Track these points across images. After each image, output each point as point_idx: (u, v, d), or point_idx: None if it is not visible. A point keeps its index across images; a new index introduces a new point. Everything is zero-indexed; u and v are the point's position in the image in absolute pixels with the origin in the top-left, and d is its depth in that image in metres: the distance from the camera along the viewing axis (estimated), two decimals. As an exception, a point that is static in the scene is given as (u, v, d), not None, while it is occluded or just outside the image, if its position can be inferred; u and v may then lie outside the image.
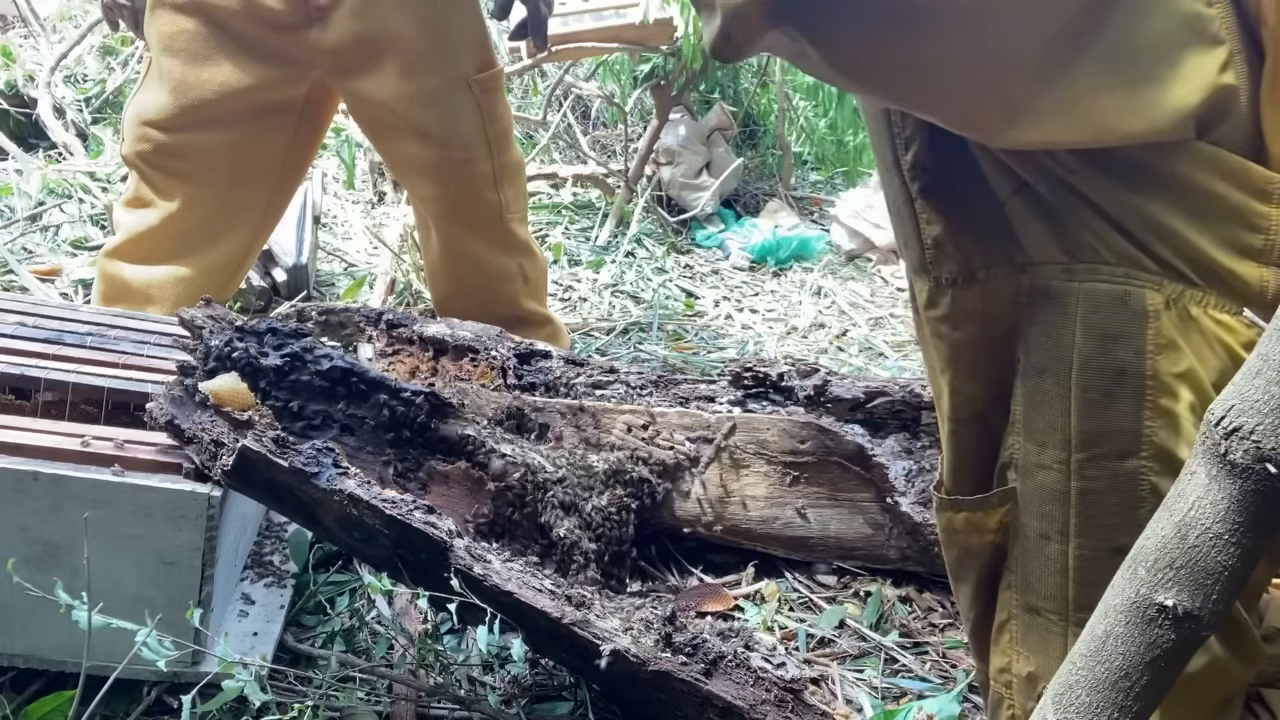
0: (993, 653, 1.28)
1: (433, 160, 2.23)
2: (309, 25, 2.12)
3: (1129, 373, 1.07)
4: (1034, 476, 1.16)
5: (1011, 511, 1.20)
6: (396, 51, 2.15)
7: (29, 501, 1.43)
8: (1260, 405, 0.73)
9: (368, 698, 1.59)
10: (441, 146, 2.21)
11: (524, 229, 2.45)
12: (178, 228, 2.18)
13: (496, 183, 2.31)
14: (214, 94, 2.11)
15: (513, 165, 2.35)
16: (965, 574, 1.29)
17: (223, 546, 1.54)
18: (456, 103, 2.21)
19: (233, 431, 1.49)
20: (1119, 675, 0.81)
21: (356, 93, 2.23)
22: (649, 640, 1.45)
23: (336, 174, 3.82)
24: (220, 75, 2.11)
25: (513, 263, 2.39)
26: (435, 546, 1.44)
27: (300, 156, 2.35)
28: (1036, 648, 1.21)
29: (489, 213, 2.32)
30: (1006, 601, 1.24)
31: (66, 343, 1.78)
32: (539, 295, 2.51)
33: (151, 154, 2.15)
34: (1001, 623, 1.25)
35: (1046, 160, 1.08)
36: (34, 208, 3.20)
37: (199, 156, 2.16)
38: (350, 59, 2.17)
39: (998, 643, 1.27)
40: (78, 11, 4.62)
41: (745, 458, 1.96)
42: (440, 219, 2.34)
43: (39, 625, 1.45)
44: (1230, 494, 0.75)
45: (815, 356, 2.89)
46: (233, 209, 2.23)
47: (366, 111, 2.28)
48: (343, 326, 2.16)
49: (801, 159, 4.35)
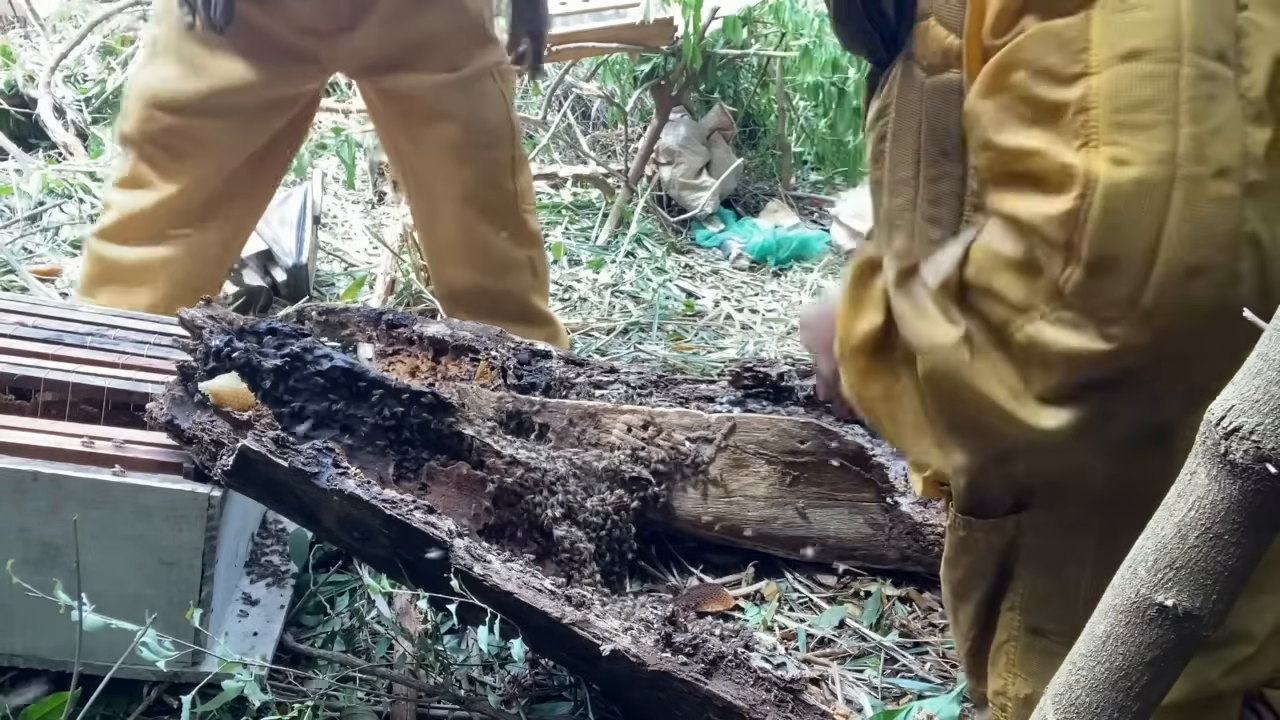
0: (991, 673, 1.27)
1: (459, 141, 2.28)
2: (339, 32, 2.16)
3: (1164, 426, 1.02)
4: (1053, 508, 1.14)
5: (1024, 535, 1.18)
6: (430, 48, 2.21)
7: (29, 502, 1.43)
8: (1260, 405, 0.73)
9: (368, 698, 1.59)
10: (468, 129, 2.28)
11: (535, 221, 2.49)
12: (172, 209, 2.18)
13: (514, 171, 2.37)
14: (233, 84, 2.13)
15: (524, 158, 2.42)
16: (969, 593, 1.27)
17: (223, 546, 1.54)
18: (484, 89, 2.28)
19: (233, 431, 1.49)
20: (1119, 675, 0.81)
21: (386, 89, 2.28)
22: (649, 640, 1.45)
23: (337, 174, 3.82)
24: (242, 67, 2.12)
25: (524, 254, 2.43)
26: (435, 546, 1.44)
27: (292, 146, 2.41)
28: (1036, 670, 1.19)
29: (506, 200, 2.37)
30: (1008, 622, 1.22)
31: (66, 343, 1.78)
32: (543, 293, 2.54)
33: (159, 134, 2.16)
34: (1000, 643, 1.24)
35: None
36: (34, 208, 3.20)
37: (206, 142, 2.17)
38: (381, 60, 2.22)
39: (995, 664, 1.25)
40: (78, 11, 4.62)
41: (745, 458, 1.96)
42: (459, 201, 2.36)
43: (39, 625, 1.44)
44: (1230, 494, 0.75)
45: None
46: (225, 194, 2.24)
47: (395, 105, 2.32)
48: (343, 326, 2.16)
49: (801, 159, 4.35)
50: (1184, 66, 0.90)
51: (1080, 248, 0.90)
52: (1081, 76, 0.91)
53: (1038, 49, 0.93)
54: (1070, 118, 0.91)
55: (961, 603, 1.29)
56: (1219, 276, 0.89)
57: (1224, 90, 0.91)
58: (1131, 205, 0.89)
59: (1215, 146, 0.89)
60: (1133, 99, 0.90)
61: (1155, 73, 0.90)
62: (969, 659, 1.32)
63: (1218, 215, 0.88)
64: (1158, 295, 0.89)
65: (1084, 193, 0.89)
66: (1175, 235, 0.88)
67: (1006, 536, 1.19)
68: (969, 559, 1.24)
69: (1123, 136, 0.90)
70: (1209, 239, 0.88)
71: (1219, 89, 0.91)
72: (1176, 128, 0.89)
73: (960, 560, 1.26)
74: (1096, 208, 0.89)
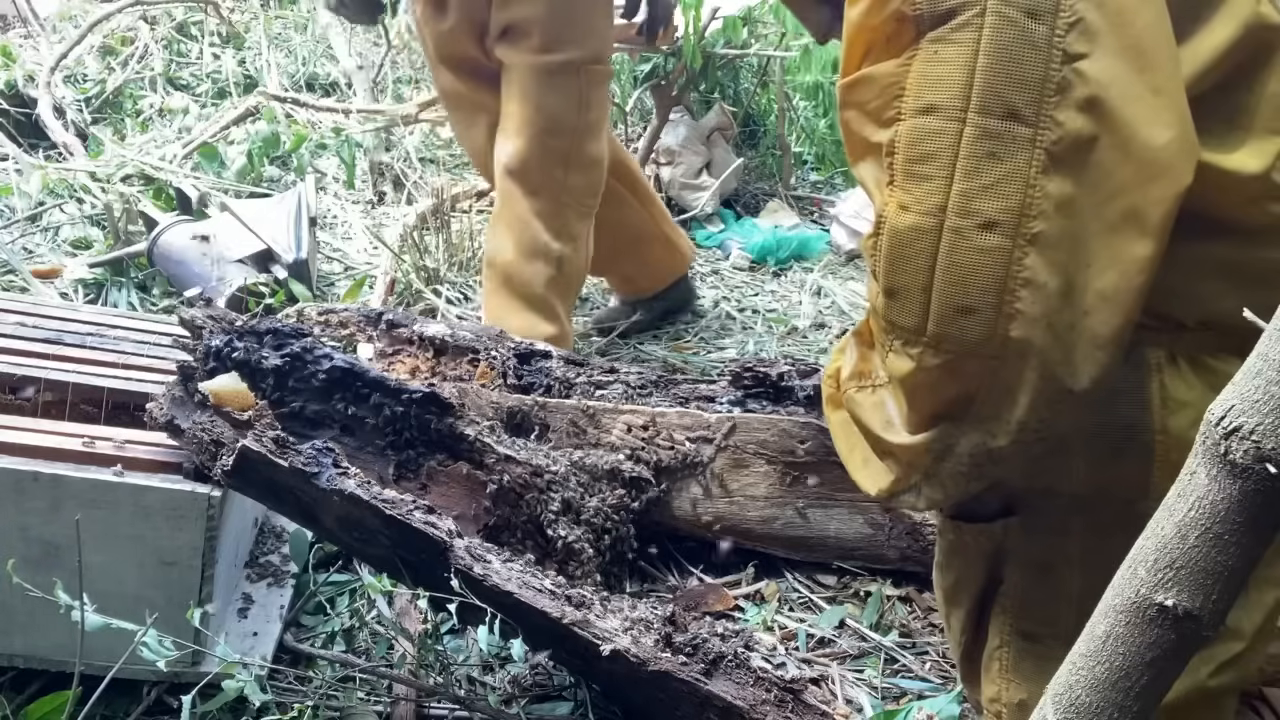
0: (984, 680, 1.27)
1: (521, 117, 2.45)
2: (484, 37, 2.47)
3: (1137, 427, 1.07)
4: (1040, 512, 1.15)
5: (1012, 538, 1.19)
6: (529, 33, 2.40)
7: (29, 501, 1.43)
8: (1260, 405, 0.73)
9: (368, 698, 1.59)
10: (534, 109, 2.43)
11: (580, 224, 2.54)
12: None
13: (566, 163, 2.46)
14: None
15: (589, 158, 2.50)
16: (960, 597, 1.28)
17: (223, 546, 1.54)
18: (560, 80, 2.43)
19: (233, 431, 1.49)
20: (1119, 675, 0.81)
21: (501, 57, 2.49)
22: (649, 640, 1.45)
23: (337, 174, 3.82)
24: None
25: (554, 245, 2.48)
26: (435, 546, 1.44)
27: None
28: (1029, 674, 1.19)
29: (550, 187, 2.46)
30: (999, 626, 1.23)
31: (66, 343, 1.78)
32: (564, 296, 2.56)
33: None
34: (993, 649, 1.24)
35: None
36: (34, 208, 3.20)
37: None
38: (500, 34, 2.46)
39: (988, 670, 1.25)
40: (78, 11, 4.62)
41: (745, 458, 1.96)
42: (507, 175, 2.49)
43: (39, 625, 1.44)
44: (1230, 494, 0.75)
45: (815, 356, 2.89)
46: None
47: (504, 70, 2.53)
48: (343, 326, 2.16)
49: (801, 159, 4.34)
50: (966, 126, 0.96)
51: (879, 275, 1.02)
52: (895, 121, 1.00)
53: (863, 92, 1.02)
54: (883, 157, 1.01)
55: (953, 608, 1.29)
56: (987, 315, 0.97)
57: (1008, 148, 0.96)
58: (908, 247, 0.99)
59: (983, 201, 0.96)
60: (921, 151, 0.98)
61: (940, 129, 0.97)
62: (963, 664, 1.32)
63: (981, 264, 0.96)
64: (936, 326, 0.99)
65: (878, 230, 1.01)
66: (943, 278, 0.98)
67: (995, 540, 1.20)
68: (959, 562, 1.25)
69: (910, 185, 0.99)
70: (975, 283, 0.97)
71: (1001, 147, 0.96)
72: (950, 183, 0.97)
73: (951, 564, 1.26)
74: (885, 244, 1.00)
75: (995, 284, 0.96)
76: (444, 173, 3.88)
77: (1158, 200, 0.95)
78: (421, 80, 4.52)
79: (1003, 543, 1.19)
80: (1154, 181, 0.95)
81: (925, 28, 0.98)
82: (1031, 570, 1.17)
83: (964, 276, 0.97)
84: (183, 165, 3.57)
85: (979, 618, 1.26)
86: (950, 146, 0.97)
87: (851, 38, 1.03)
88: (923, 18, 0.97)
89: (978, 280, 0.96)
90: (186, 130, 3.95)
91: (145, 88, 4.26)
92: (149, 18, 4.60)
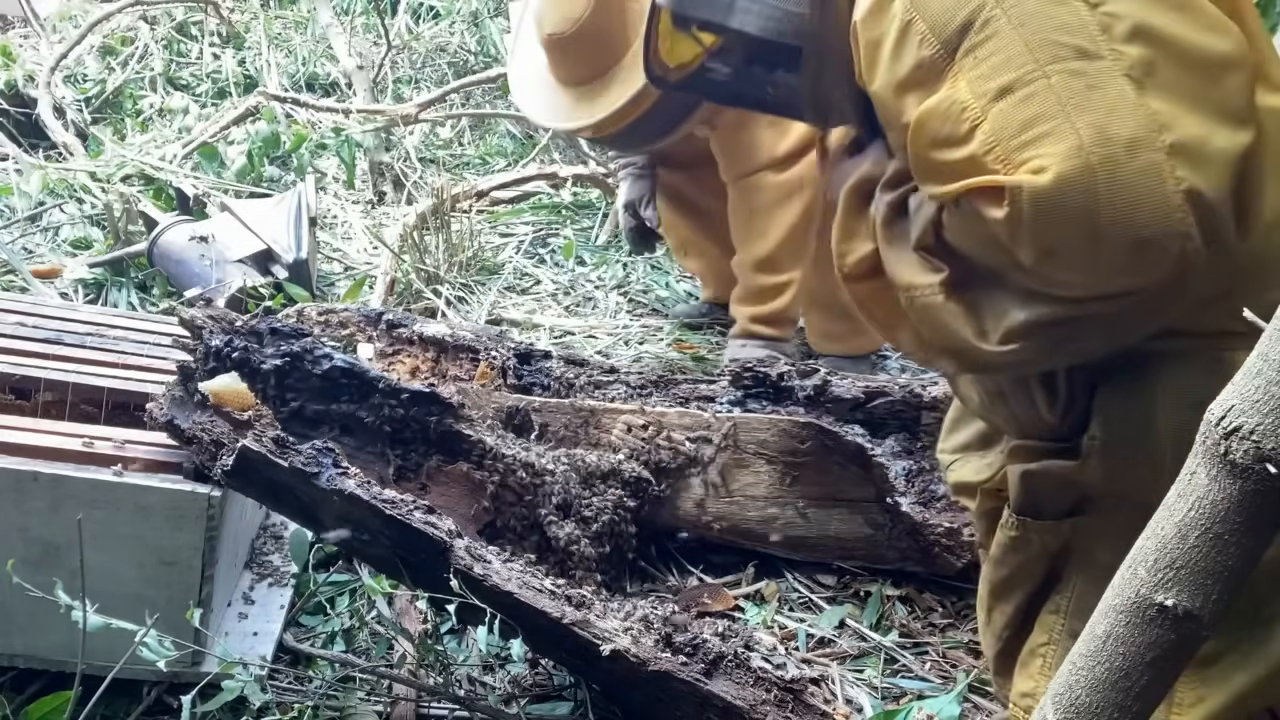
0: (1019, 675, 1.27)
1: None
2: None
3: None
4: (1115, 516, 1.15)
5: (1080, 538, 1.19)
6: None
7: (29, 501, 1.42)
8: (1260, 405, 0.73)
9: (368, 698, 1.59)
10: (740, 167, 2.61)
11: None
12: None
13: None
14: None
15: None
16: (1010, 593, 1.28)
17: (223, 546, 1.54)
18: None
19: (233, 431, 1.49)
20: (1119, 675, 0.81)
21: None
22: (649, 640, 1.45)
23: (337, 174, 3.82)
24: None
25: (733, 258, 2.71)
26: (435, 546, 1.44)
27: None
28: None
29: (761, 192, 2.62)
30: (1050, 625, 1.23)
31: (66, 343, 1.78)
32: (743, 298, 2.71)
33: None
34: (1036, 646, 1.24)
35: None
36: (34, 208, 3.20)
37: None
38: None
39: (1027, 665, 1.25)
40: (78, 11, 4.62)
41: (745, 458, 1.96)
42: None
43: (39, 625, 1.44)
44: (1230, 494, 0.75)
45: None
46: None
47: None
48: (343, 326, 2.16)
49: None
50: (1051, 77, 0.98)
51: (1026, 242, 0.99)
52: (974, 129, 1.01)
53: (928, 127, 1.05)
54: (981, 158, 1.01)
55: (999, 602, 1.30)
56: (1169, 243, 0.95)
57: (1099, 79, 0.97)
58: (1059, 200, 0.96)
59: (1114, 127, 0.96)
60: (1023, 118, 0.99)
61: (1028, 93, 0.99)
62: (998, 659, 1.33)
63: (1143, 183, 0.95)
64: (1108, 266, 0.98)
65: (1013, 200, 0.98)
66: (1110, 211, 0.95)
67: (1062, 539, 1.21)
68: (1017, 559, 1.26)
69: (1029, 151, 0.98)
70: (1145, 206, 0.95)
71: (1093, 80, 0.97)
72: (1072, 123, 0.96)
73: (1007, 560, 1.27)
74: (1028, 211, 0.97)
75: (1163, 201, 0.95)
76: (444, 173, 3.88)
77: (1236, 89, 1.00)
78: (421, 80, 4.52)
79: (1070, 541, 1.21)
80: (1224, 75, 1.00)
81: (950, 52, 1.03)
82: (1096, 572, 1.17)
83: (1134, 201, 0.95)
84: (183, 165, 3.57)
85: (1026, 615, 1.27)
86: (1049, 98, 0.98)
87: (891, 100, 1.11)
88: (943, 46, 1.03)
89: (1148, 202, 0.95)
90: (186, 130, 3.95)
91: (145, 88, 4.27)
92: (149, 18, 4.60)
